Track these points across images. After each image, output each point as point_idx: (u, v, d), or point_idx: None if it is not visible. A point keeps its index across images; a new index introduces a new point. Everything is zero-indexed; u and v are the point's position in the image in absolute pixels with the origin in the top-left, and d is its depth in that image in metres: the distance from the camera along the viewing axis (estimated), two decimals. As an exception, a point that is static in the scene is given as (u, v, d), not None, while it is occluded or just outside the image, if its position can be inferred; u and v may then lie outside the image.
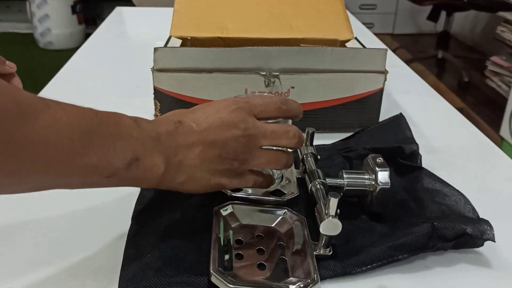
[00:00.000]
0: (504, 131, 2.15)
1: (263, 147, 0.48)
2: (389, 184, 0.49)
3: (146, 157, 0.41)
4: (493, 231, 0.46)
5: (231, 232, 0.48)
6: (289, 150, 0.51)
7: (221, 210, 0.50)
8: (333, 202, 0.43)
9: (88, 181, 0.39)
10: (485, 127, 2.46)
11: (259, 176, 0.50)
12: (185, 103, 0.67)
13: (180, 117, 0.45)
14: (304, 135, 0.58)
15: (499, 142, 2.17)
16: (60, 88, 0.85)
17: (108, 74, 0.91)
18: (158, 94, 0.67)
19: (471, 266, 0.46)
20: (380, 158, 0.51)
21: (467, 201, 0.51)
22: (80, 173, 0.37)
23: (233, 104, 0.47)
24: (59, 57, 1.51)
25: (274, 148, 0.49)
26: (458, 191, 0.52)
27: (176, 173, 0.44)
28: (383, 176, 0.49)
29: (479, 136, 0.73)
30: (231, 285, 0.40)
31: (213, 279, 0.41)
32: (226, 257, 0.44)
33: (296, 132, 0.49)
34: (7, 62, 0.54)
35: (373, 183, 0.50)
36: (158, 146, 0.42)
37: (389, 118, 0.70)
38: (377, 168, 0.50)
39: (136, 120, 0.42)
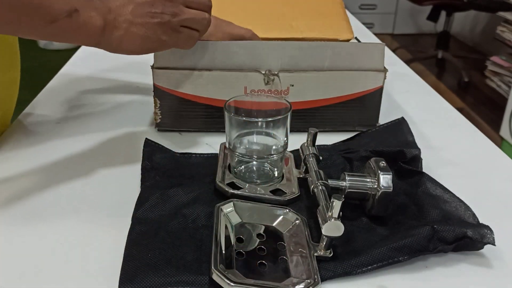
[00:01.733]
0: (504, 131, 2.15)
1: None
2: (391, 188, 0.49)
3: (84, 10, 0.50)
4: (493, 235, 0.46)
5: (232, 229, 0.48)
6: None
7: (223, 207, 0.50)
8: (337, 204, 0.43)
9: (34, 25, 0.47)
10: (485, 127, 2.46)
11: (193, 31, 0.58)
12: (185, 101, 0.67)
13: None
14: (307, 135, 0.58)
15: (499, 142, 2.17)
16: (60, 88, 0.85)
17: (108, 73, 0.91)
18: (158, 92, 0.67)
19: (472, 267, 0.46)
20: (383, 161, 0.51)
21: (467, 207, 0.51)
22: (25, 12, 0.45)
23: None
24: (59, 57, 1.51)
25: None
26: (458, 198, 0.52)
27: (113, 28, 0.53)
28: (386, 180, 0.49)
29: (479, 136, 0.73)
30: (232, 283, 0.40)
31: (214, 277, 0.41)
32: (227, 255, 0.44)
33: None
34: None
35: (375, 186, 0.50)
36: (92, 4, 0.51)
37: (391, 121, 0.69)
38: (379, 172, 0.50)
39: None
